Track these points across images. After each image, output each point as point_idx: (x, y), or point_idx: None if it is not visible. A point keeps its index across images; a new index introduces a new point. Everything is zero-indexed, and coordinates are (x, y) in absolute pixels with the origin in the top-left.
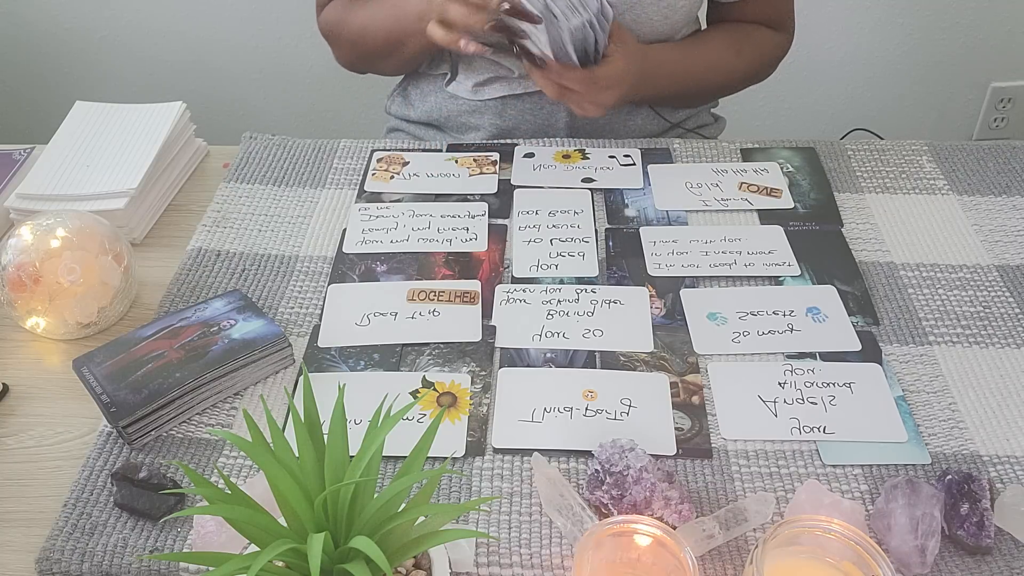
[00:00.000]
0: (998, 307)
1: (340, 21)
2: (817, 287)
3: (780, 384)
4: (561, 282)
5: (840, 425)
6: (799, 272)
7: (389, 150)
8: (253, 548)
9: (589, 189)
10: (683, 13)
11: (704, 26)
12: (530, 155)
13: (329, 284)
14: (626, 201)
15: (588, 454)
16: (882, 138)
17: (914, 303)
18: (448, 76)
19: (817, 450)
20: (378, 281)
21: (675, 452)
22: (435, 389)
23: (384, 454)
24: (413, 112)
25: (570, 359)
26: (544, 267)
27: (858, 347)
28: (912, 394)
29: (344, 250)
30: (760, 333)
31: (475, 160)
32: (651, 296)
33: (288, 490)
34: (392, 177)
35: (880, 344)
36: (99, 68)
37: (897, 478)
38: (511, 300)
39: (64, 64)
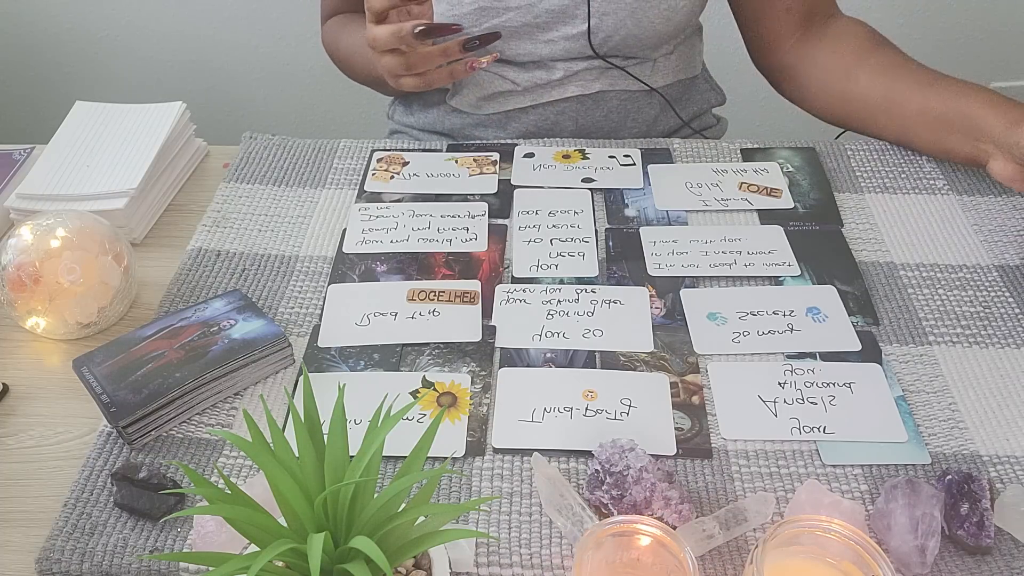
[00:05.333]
0: (998, 307)
1: (334, 42)
2: (817, 287)
3: (780, 384)
4: (561, 282)
5: (840, 425)
6: (799, 272)
7: (389, 150)
8: (253, 548)
9: (589, 189)
10: (684, 14)
11: (704, 27)
12: (530, 155)
13: (329, 284)
14: (626, 201)
15: (588, 454)
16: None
17: (914, 303)
18: (449, 91)
19: (817, 450)
20: (378, 281)
21: (675, 452)
22: (435, 389)
23: (384, 454)
24: (415, 123)
25: (570, 359)
26: (544, 267)
27: (858, 347)
28: (912, 394)
29: (344, 250)
30: (760, 333)
31: (475, 160)
32: (651, 296)
33: (288, 490)
34: (392, 177)
35: (880, 344)
36: (99, 68)
37: (897, 478)
38: (511, 300)
39: (64, 64)
